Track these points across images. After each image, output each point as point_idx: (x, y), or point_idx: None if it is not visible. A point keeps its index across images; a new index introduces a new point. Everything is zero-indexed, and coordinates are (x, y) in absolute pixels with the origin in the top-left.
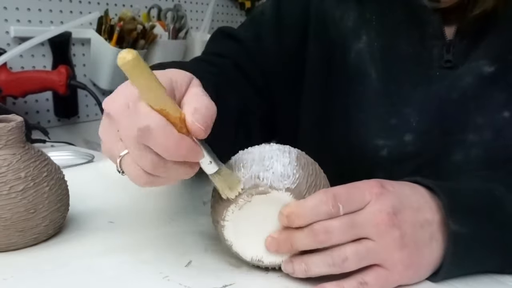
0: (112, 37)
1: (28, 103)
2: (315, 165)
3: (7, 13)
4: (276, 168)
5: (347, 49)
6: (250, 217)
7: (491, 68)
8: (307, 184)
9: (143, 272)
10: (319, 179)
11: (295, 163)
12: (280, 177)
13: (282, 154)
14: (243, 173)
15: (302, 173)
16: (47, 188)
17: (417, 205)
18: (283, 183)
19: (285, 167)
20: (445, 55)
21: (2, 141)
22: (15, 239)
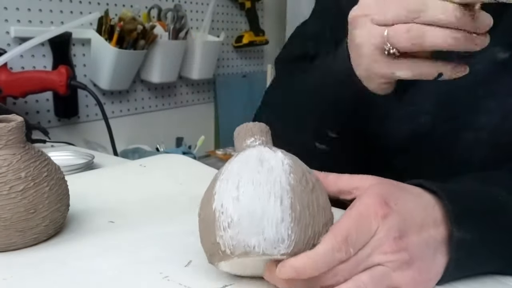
0: (112, 37)
1: (28, 103)
2: (311, 194)
3: (7, 13)
4: (269, 233)
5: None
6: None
7: (505, 54)
8: (305, 239)
9: (143, 272)
10: (318, 218)
11: (290, 218)
12: (273, 242)
13: (273, 201)
14: (230, 235)
15: (298, 230)
16: (47, 188)
17: (420, 222)
18: (277, 249)
19: (278, 228)
20: None
21: (3, 141)
22: (15, 239)
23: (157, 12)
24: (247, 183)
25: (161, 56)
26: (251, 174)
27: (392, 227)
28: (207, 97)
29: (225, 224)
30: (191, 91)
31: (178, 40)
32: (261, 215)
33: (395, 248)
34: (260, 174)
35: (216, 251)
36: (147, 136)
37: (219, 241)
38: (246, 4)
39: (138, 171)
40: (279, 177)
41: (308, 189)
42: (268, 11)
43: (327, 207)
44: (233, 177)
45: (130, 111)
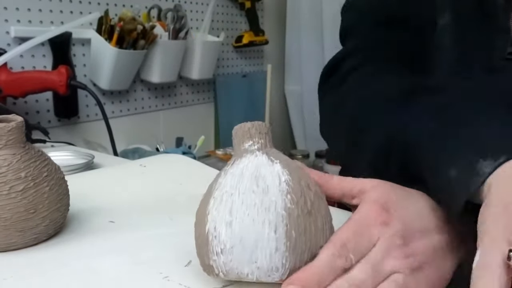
0: (112, 37)
1: (28, 103)
2: (308, 217)
3: (7, 13)
4: (262, 262)
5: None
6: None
7: None
8: (301, 264)
9: (143, 272)
10: (316, 240)
11: (284, 247)
12: (267, 271)
13: (267, 229)
14: (223, 261)
15: (293, 257)
16: (47, 188)
17: (423, 227)
18: (272, 277)
19: (272, 257)
20: (509, 48)
21: (2, 141)
22: (15, 239)
23: (157, 12)
24: (241, 207)
25: (161, 56)
26: (245, 196)
27: (394, 234)
28: (207, 97)
29: (218, 250)
30: (191, 91)
31: (178, 40)
32: (255, 245)
33: (403, 254)
34: (255, 195)
35: (210, 272)
36: (147, 136)
37: (212, 264)
38: (246, 4)
39: (138, 171)
40: (275, 200)
41: (306, 211)
42: (268, 11)
43: (326, 226)
44: (227, 197)
45: (130, 111)
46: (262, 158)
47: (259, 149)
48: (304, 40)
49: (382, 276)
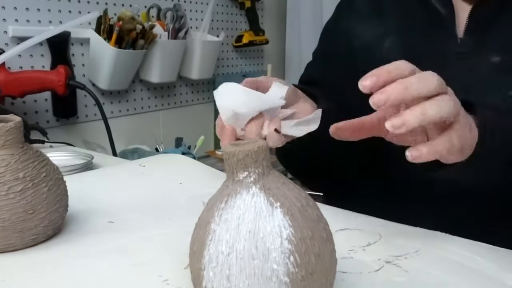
0: (111, 37)
1: (26, 103)
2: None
3: (5, 12)
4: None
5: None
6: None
7: (497, 58)
8: None
9: (142, 275)
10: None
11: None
12: None
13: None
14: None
15: None
16: (46, 188)
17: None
18: None
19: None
20: (457, 49)
21: (1, 141)
22: (14, 240)
23: (156, 12)
24: (240, 275)
25: (161, 56)
26: (243, 262)
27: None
28: (207, 97)
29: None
30: (191, 91)
31: (177, 39)
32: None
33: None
34: (254, 262)
35: None
36: (146, 136)
37: None
38: (246, 4)
39: (137, 172)
40: (277, 268)
41: (310, 271)
42: (268, 11)
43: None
44: (223, 258)
45: (129, 111)
46: (260, 202)
47: (255, 181)
48: (304, 40)
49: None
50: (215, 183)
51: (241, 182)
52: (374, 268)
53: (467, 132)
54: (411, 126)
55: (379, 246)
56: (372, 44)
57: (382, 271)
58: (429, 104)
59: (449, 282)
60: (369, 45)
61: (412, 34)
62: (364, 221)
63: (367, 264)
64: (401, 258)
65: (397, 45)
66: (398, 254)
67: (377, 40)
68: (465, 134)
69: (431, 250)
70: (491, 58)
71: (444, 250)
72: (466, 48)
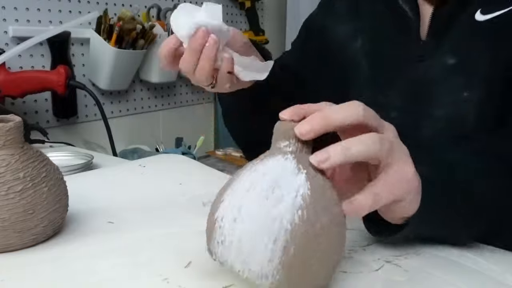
0: (111, 37)
1: (26, 103)
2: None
3: (5, 12)
4: (254, 267)
5: (344, 49)
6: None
7: (453, 60)
8: (290, 283)
9: (142, 274)
10: (316, 267)
11: (278, 260)
12: (257, 276)
13: (267, 239)
14: (221, 252)
15: (284, 273)
16: (46, 188)
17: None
18: (259, 281)
19: (263, 266)
20: (419, 51)
21: (1, 141)
22: (14, 240)
23: (156, 12)
24: (249, 208)
25: None
26: (258, 199)
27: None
28: (207, 97)
29: (219, 240)
30: (191, 91)
31: None
32: (251, 250)
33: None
34: (267, 201)
35: (210, 252)
36: (146, 136)
37: (212, 250)
38: (246, 4)
39: (137, 172)
40: (284, 213)
41: (311, 232)
42: (268, 11)
43: (334, 251)
44: (242, 192)
45: (130, 111)
46: (290, 164)
47: (292, 152)
48: None
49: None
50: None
51: (280, 149)
52: (374, 268)
53: (402, 181)
54: (334, 162)
55: (379, 246)
56: (345, 43)
57: (382, 270)
58: (354, 141)
59: (449, 282)
60: (342, 44)
61: (380, 37)
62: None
63: (367, 264)
64: (401, 258)
65: (366, 48)
66: (398, 254)
67: (349, 39)
68: (398, 183)
69: (431, 250)
70: (447, 60)
71: (444, 250)
72: (426, 51)
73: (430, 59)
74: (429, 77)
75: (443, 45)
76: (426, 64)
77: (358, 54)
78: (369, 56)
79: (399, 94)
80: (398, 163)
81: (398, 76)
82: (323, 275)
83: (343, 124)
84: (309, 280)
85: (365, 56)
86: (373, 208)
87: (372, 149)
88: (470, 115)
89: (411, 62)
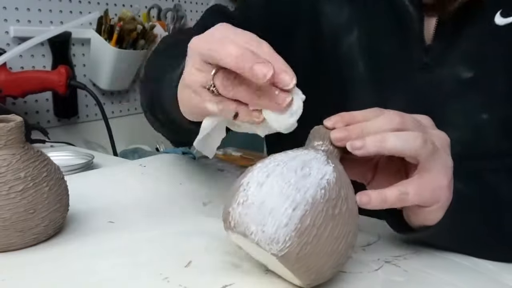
0: (112, 37)
1: (27, 103)
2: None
3: (6, 13)
4: (268, 229)
5: (339, 42)
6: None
7: (469, 73)
8: (299, 253)
9: (142, 273)
10: (325, 245)
11: (293, 227)
12: (269, 239)
13: (288, 204)
14: (239, 212)
15: (296, 241)
16: (47, 188)
17: None
18: (269, 246)
19: (278, 229)
20: (424, 58)
21: (2, 141)
22: (15, 239)
23: (157, 12)
24: (277, 177)
25: None
26: (286, 171)
27: None
28: None
29: (240, 200)
30: None
31: None
32: (269, 212)
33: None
34: (295, 175)
35: (226, 218)
36: (147, 136)
37: (230, 211)
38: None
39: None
40: (308, 187)
41: (329, 213)
42: None
43: (342, 242)
44: (273, 165)
45: (130, 111)
46: (321, 156)
47: (324, 151)
48: None
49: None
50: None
51: (313, 147)
52: (374, 268)
53: (434, 189)
54: (367, 151)
55: (379, 246)
56: (338, 34)
57: (381, 270)
58: (392, 134)
59: (448, 282)
60: (336, 34)
61: (377, 32)
62: (364, 222)
63: (366, 264)
64: (400, 258)
65: (362, 43)
66: (398, 254)
67: (344, 30)
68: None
69: (430, 251)
70: (461, 73)
71: (442, 251)
72: (433, 58)
73: (438, 69)
74: (437, 91)
75: (453, 52)
76: (434, 75)
77: (353, 49)
78: (366, 54)
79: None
80: (435, 170)
81: (399, 86)
82: (329, 263)
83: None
84: (314, 259)
85: (361, 54)
86: (396, 205)
87: (410, 147)
88: (491, 140)
89: (413, 70)
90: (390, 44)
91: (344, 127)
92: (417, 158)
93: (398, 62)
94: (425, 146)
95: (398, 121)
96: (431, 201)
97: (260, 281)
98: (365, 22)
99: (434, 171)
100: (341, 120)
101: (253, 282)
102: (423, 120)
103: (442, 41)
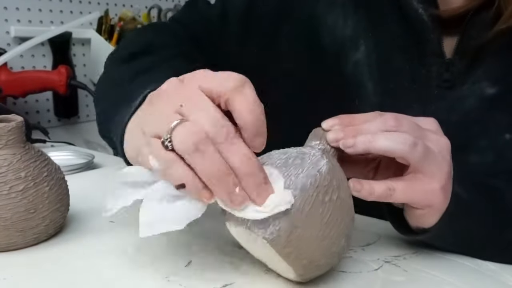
0: (112, 37)
1: (28, 103)
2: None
3: (7, 13)
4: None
5: (343, 58)
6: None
7: (493, 89)
8: (289, 237)
9: (143, 273)
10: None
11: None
12: (260, 224)
13: (282, 184)
14: None
15: (286, 224)
16: (47, 188)
17: None
18: (261, 230)
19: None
20: (444, 74)
21: (3, 141)
22: (15, 239)
23: (157, 12)
24: (270, 164)
25: None
26: (279, 160)
27: None
28: None
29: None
30: None
31: None
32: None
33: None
34: (286, 163)
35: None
36: None
37: None
38: None
39: None
40: (299, 173)
41: (320, 198)
42: None
43: (333, 229)
44: (267, 155)
45: None
46: (317, 152)
47: (320, 149)
48: None
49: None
50: None
51: (311, 147)
52: (373, 268)
53: (425, 192)
54: (357, 149)
55: (379, 246)
56: (342, 48)
57: (381, 270)
58: (382, 135)
59: (448, 281)
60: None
61: (387, 47)
62: (364, 221)
63: (366, 264)
64: (400, 258)
65: (370, 63)
66: (397, 254)
67: (349, 45)
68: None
69: (429, 250)
70: (484, 89)
71: (443, 251)
72: (454, 74)
73: (459, 86)
74: (460, 111)
75: (478, 67)
76: (454, 92)
77: (360, 68)
78: (375, 74)
79: None
80: (428, 174)
81: (414, 108)
82: (320, 249)
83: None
84: (305, 244)
85: (370, 73)
86: (381, 199)
87: (399, 148)
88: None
89: (431, 88)
90: (403, 59)
91: (340, 128)
92: (406, 159)
93: (412, 81)
94: (414, 148)
95: (392, 123)
96: (422, 204)
97: (260, 281)
98: (373, 36)
99: (427, 174)
100: (339, 123)
101: (253, 282)
102: (425, 124)
103: (465, 55)
